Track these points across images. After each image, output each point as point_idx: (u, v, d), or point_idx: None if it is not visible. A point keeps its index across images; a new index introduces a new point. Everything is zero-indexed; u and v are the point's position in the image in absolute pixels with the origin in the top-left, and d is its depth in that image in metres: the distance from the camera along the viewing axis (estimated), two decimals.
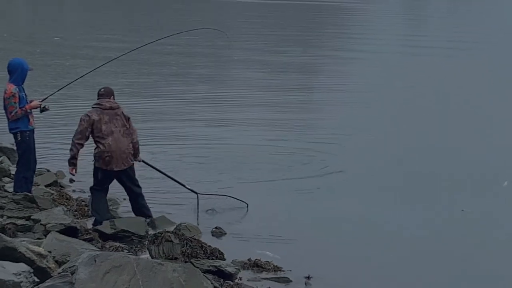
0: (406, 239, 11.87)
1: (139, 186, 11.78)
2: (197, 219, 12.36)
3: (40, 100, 11.69)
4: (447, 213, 13.16)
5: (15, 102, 11.35)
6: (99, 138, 11.34)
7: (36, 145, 11.83)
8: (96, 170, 11.54)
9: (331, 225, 12.34)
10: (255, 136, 18.23)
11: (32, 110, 11.62)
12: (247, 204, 12.93)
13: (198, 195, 12.80)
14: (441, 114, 22.18)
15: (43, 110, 11.72)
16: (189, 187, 12.86)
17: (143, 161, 12.22)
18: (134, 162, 11.73)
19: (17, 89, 11.40)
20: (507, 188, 14.56)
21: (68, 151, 11.52)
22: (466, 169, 15.87)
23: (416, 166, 16.07)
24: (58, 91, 12.20)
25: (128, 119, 11.54)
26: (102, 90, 11.61)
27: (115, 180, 11.69)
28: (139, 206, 11.79)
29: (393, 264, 10.90)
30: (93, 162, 11.59)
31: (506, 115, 22.01)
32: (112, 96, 11.60)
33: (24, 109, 11.39)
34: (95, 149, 11.47)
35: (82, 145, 11.42)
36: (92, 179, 11.68)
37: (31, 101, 11.65)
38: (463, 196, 14.02)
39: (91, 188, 11.69)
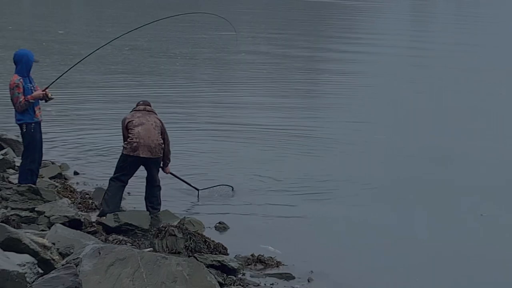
0: (416, 241, 11.67)
1: (158, 177, 11.89)
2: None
3: (43, 90, 11.65)
4: (465, 217, 12.90)
5: (19, 93, 11.32)
6: (131, 129, 11.58)
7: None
8: (121, 157, 11.68)
9: (336, 223, 12.31)
10: (260, 138, 17.88)
11: (39, 101, 11.58)
12: (232, 188, 13.50)
13: (199, 190, 13.19)
14: (454, 114, 21.91)
15: (47, 99, 11.66)
16: (193, 185, 13.22)
17: (171, 173, 12.51)
18: (164, 172, 12.12)
19: (21, 79, 11.39)
20: None
21: None
22: (483, 172, 15.59)
23: (430, 168, 15.71)
24: (58, 78, 12.14)
25: (164, 128, 11.77)
26: (141, 101, 12.05)
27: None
28: (151, 195, 11.85)
29: (398, 263, 10.85)
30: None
31: None
32: (151, 107, 11.98)
33: (26, 99, 11.36)
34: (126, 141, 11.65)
35: None
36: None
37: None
38: (482, 200, 13.73)
39: (110, 179, 11.75)
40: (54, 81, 11.99)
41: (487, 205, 13.46)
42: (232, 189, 13.54)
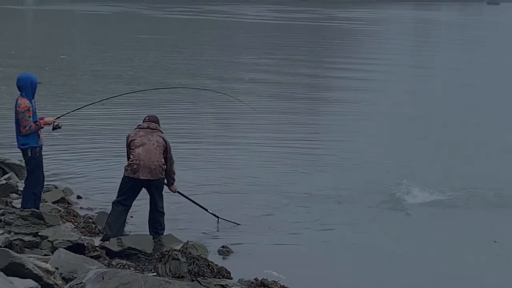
0: (425, 266, 11.56)
1: (162, 202, 11.83)
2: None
3: (55, 118, 11.75)
4: (479, 244, 12.73)
5: (29, 116, 11.39)
6: (132, 149, 11.57)
7: (44, 162, 11.87)
8: (123, 180, 11.67)
9: (342, 248, 12.26)
10: (268, 165, 17.53)
11: (44, 126, 11.65)
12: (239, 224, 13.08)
13: (219, 219, 12.95)
14: (459, 136, 21.76)
15: (55, 127, 11.75)
16: (211, 212, 12.98)
17: (178, 192, 12.41)
18: (170, 192, 12.08)
19: (30, 103, 11.45)
20: None
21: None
22: (493, 194, 15.32)
23: (439, 191, 15.37)
24: (72, 111, 12.23)
25: (168, 146, 11.67)
26: (147, 117, 11.92)
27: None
28: (154, 221, 11.83)
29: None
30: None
31: None
32: (156, 124, 11.82)
33: (38, 123, 11.43)
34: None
35: None
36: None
37: (41, 118, 11.67)
38: (496, 226, 13.59)
39: (113, 203, 11.74)
40: (67, 113, 12.12)
41: (500, 231, 13.35)
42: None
